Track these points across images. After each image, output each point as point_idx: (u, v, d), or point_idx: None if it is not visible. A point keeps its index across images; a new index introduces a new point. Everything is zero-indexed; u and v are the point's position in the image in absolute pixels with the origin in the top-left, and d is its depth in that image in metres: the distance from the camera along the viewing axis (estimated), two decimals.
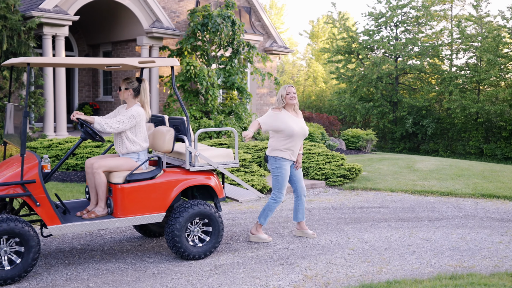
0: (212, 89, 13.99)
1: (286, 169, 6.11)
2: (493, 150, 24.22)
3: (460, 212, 8.03)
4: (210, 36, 14.37)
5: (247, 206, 8.13)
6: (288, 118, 6.07)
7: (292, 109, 6.20)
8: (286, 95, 6.12)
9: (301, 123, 6.17)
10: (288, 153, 6.10)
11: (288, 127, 6.02)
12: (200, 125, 13.77)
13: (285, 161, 6.10)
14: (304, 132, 6.16)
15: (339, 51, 29.50)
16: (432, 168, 12.80)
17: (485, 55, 24.31)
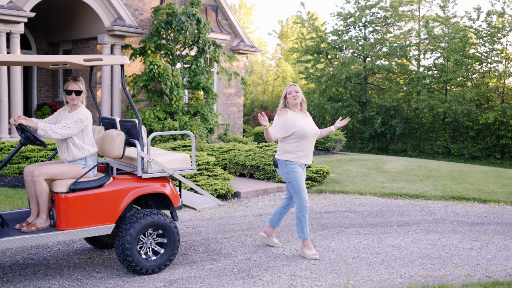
0: (176, 89, 13.54)
1: (298, 172, 5.65)
2: (460, 150, 24.33)
3: (430, 216, 7.79)
4: (174, 35, 13.91)
5: (209, 213, 7.73)
6: (296, 118, 5.66)
7: (298, 109, 5.76)
8: (288, 94, 5.72)
9: (311, 122, 5.76)
10: (300, 156, 5.66)
11: (299, 127, 5.60)
12: (164, 126, 13.30)
13: (295, 165, 5.67)
14: (315, 131, 5.73)
15: (308, 51, 29.32)
16: (400, 169, 12.61)
17: (452, 55, 24.40)
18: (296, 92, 5.69)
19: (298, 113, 5.72)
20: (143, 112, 13.44)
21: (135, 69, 15.21)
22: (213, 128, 14.57)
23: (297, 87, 5.72)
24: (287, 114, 5.67)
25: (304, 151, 5.66)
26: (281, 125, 5.64)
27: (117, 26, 13.72)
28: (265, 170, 10.12)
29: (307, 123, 5.68)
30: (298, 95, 5.69)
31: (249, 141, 15.67)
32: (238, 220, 7.28)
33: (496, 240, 6.43)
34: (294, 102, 5.68)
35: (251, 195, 9.09)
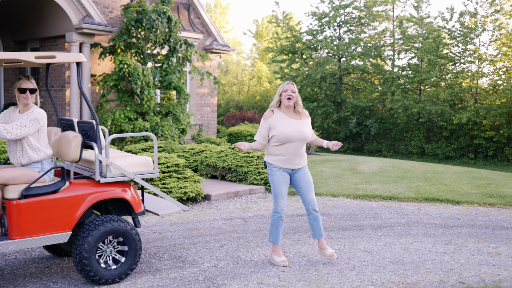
0: (147, 89, 13.22)
1: (277, 176, 5.36)
2: (434, 150, 24.45)
3: (403, 219, 7.65)
4: (145, 33, 13.60)
5: (178, 217, 7.47)
6: (280, 120, 5.30)
7: (291, 110, 5.38)
8: (283, 92, 5.34)
9: (299, 126, 5.32)
10: (281, 160, 5.34)
11: (278, 131, 5.26)
12: (135, 127, 12.98)
13: (275, 168, 5.39)
14: (301, 136, 5.29)
15: (283, 50, 29.21)
16: (375, 170, 12.51)
17: (426, 55, 24.51)
18: (292, 92, 5.31)
19: (288, 115, 5.34)
20: (113, 113, 13.10)
21: (105, 68, 14.84)
22: (186, 129, 14.28)
23: (294, 86, 5.35)
24: (272, 115, 5.35)
25: (286, 155, 5.33)
26: (265, 128, 5.36)
27: (86, 24, 13.34)
28: (237, 172, 9.90)
29: (291, 126, 5.28)
30: (293, 96, 5.31)
31: (222, 141, 15.43)
32: (207, 225, 7.04)
33: (470, 244, 6.31)
34: (287, 103, 5.31)
35: (222, 197, 8.86)
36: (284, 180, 5.38)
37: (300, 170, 5.45)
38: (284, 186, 5.39)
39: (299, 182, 5.44)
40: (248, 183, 9.77)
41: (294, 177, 5.46)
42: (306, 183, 5.44)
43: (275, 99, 5.41)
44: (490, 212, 8.27)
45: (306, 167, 5.54)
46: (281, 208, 5.37)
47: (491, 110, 22.26)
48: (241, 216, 7.60)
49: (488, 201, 8.96)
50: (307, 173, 5.49)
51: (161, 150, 11.63)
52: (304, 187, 5.44)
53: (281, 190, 5.37)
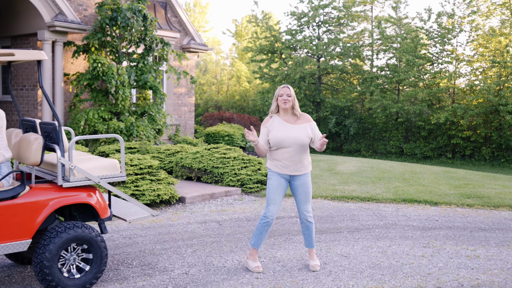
0: (122, 88, 12.94)
1: (273, 181, 5.20)
2: (412, 150, 24.53)
3: (381, 221, 7.53)
4: (120, 32, 13.31)
5: (150, 220, 7.23)
6: (276, 124, 5.18)
7: (289, 113, 5.24)
8: (279, 97, 5.21)
9: (293, 130, 5.13)
10: (277, 165, 5.19)
11: (273, 136, 5.14)
12: (109, 127, 12.69)
13: (272, 173, 5.25)
14: (295, 140, 5.09)
15: (262, 50, 29.06)
16: (353, 171, 12.41)
17: (404, 56, 24.57)
18: (288, 96, 5.16)
19: (285, 119, 5.20)
20: (86, 113, 12.79)
21: (79, 67, 14.50)
22: (162, 129, 14.02)
23: (290, 89, 5.19)
24: (270, 120, 5.24)
25: (283, 161, 5.16)
26: (265, 134, 5.23)
27: (58, 22, 13.00)
28: (213, 173, 9.69)
29: (285, 130, 5.13)
30: (289, 99, 5.16)
31: (199, 142, 15.20)
32: (180, 228, 6.82)
33: (448, 246, 6.20)
34: (283, 107, 5.17)
35: (197, 200, 8.64)
36: (279, 186, 5.21)
37: (299, 178, 5.24)
38: (278, 192, 5.21)
39: (297, 190, 5.28)
40: (224, 185, 9.57)
41: (292, 184, 5.29)
42: (303, 193, 5.28)
43: (273, 105, 5.30)
44: (468, 213, 8.19)
45: (308, 176, 5.30)
46: (270, 214, 5.20)
47: (468, 110, 22.39)
48: (216, 219, 7.40)
49: (466, 202, 8.89)
50: (306, 183, 5.27)
51: (136, 151, 11.37)
52: (300, 196, 5.29)
53: (273, 196, 5.20)
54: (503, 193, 9.68)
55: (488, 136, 23.20)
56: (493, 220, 7.72)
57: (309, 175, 5.33)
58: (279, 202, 5.23)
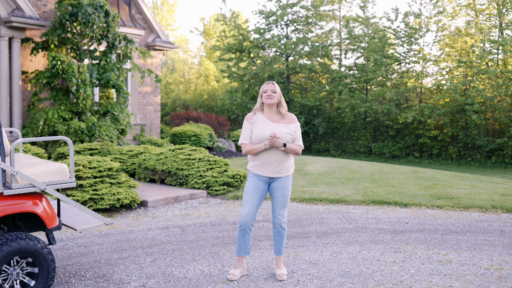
0: (83, 87, 12.43)
1: (250, 182, 4.95)
2: (381, 149, 24.55)
3: (351, 224, 7.29)
4: (80, 28, 12.80)
5: (109, 227, 6.83)
6: (259, 122, 4.94)
7: (274, 111, 4.99)
8: (263, 93, 4.98)
9: (278, 129, 4.86)
10: (257, 166, 4.91)
11: (254, 132, 4.90)
12: (70, 127, 12.18)
13: (251, 175, 4.98)
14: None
15: (230, 49, 28.71)
16: (322, 171, 12.19)
17: (372, 55, 24.56)
18: (272, 92, 4.93)
19: (269, 117, 4.96)
20: (46, 112, 12.24)
21: (38, 65, 13.92)
22: (125, 129, 13.55)
23: (275, 85, 4.96)
24: (254, 116, 5.00)
25: (261, 160, 4.89)
26: (249, 130, 4.98)
27: (15, 17, 12.41)
28: (177, 175, 9.32)
29: (268, 128, 4.87)
30: (274, 95, 4.93)
31: (164, 142, 14.77)
32: (140, 235, 6.44)
33: (419, 251, 5.99)
34: (268, 102, 4.93)
35: (160, 203, 8.27)
36: (255, 188, 4.93)
37: (279, 180, 4.96)
38: (254, 195, 4.92)
39: (275, 192, 4.99)
40: (189, 187, 9.21)
41: (271, 186, 5.00)
42: (281, 196, 4.99)
43: (258, 102, 5.07)
44: (439, 215, 8.04)
45: (289, 178, 5.03)
46: (244, 219, 4.90)
47: (435, 109, 22.50)
48: (179, 224, 7.04)
49: (435, 203, 8.74)
50: (286, 186, 4.99)
51: (97, 153, 10.91)
52: (277, 199, 5.00)
53: (246, 198, 4.94)
54: (472, 193, 9.58)
55: (454, 135, 23.38)
56: (463, 222, 7.57)
57: (290, 178, 5.07)
58: (254, 205, 4.92)
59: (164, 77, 38.01)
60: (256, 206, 4.96)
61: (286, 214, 5.07)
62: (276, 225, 5.06)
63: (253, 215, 4.94)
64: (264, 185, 4.98)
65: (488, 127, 22.95)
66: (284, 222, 5.05)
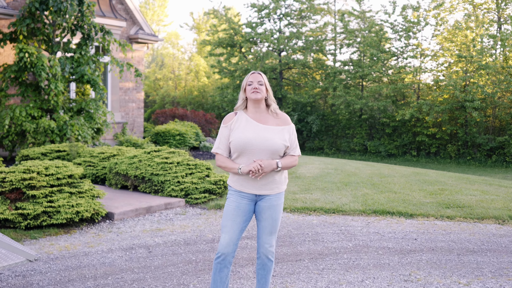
0: (54, 82, 11.30)
1: (230, 201, 3.84)
2: (377, 147, 23.54)
3: (350, 241, 6.22)
4: (52, 17, 11.66)
5: (61, 246, 5.71)
6: (242, 123, 3.82)
7: (261, 110, 3.89)
8: (247, 86, 3.86)
9: (265, 131, 3.80)
10: (239, 180, 3.81)
11: (236, 136, 3.78)
12: (39, 126, 11.05)
13: (231, 192, 3.86)
14: (266, 144, 3.75)
15: (220, 43, 27.59)
16: (316, 174, 11.14)
17: (368, 50, 23.52)
18: (259, 84, 3.83)
19: (255, 117, 3.86)
20: (12, 110, 11.11)
21: (7, 58, 12.79)
22: (102, 128, 12.44)
23: (261, 76, 3.86)
24: (235, 117, 3.87)
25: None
26: (225, 136, 3.86)
27: None
28: (152, 181, 8.23)
29: (253, 130, 3.79)
30: (262, 89, 3.84)
31: (145, 142, 13.65)
32: (96, 259, 5.33)
33: (435, 279, 4.93)
34: (253, 97, 3.81)
35: (129, 215, 7.17)
36: (237, 209, 3.82)
37: (268, 198, 3.85)
38: (236, 218, 3.81)
39: (262, 214, 3.86)
40: (165, 195, 8.11)
41: (258, 206, 3.88)
42: (270, 218, 3.87)
43: (240, 98, 3.93)
44: (450, 227, 6.99)
45: (280, 197, 3.91)
46: (223, 249, 3.78)
47: (434, 106, 21.49)
48: (146, 243, 5.94)
49: (445, 213, 7.69)
50: (276, 206, 3.88)
51: (65, 155, 9.80)
52: (264, 222, 3.88)
53: (226, 222, 3.82)
54: (484, 201, 8.54)
55: (453, 133, 22.37)
56: (480, 237, 6.52)
57: (282, 196, 3.94)
58: (236, 231, 3.81)
59: (153, 72, 36.81)
60: (238, 232, 3.85)
61: (274, 242, 3.96)
62: (261, 256, 3.95)
63: (235, 244, 3.83)
64: (249, 205, 3.87)
65: (489, 125, 21.95)
66: (272, 253, 3.94)
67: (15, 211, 6.14)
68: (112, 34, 12.62)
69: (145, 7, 44.36)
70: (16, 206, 6.25)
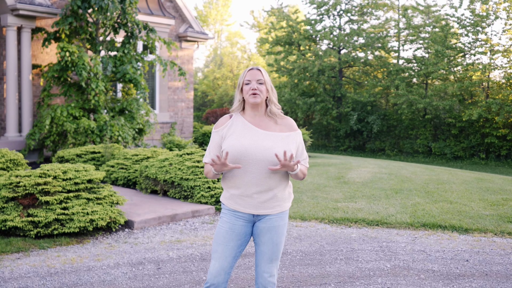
0: (95, 81, 11.07)
1: (223, 222, 3.21)
2: (442, 149, 22.16)
3: (389, 261, 5.44)
4: (95, 16, 11.46)
5: (65, 260, 5.27)
6: (238, 128, 3.19)
7: (261, 113, 3.23)
8: (244, 85, 3.19)
9: (268, 140, 3.13)
10: (233, 196, 3.17)
11: (227, 144, 3.15)
12: (79, 126, 10.85)
13: (225, 211, 3.24)
14: (266, 155, 3.08)
15: (278, 42, 26.98)
16: (366, 179, 10.32)
17: (433, 46, 22.18)
18: (259, 83, 3.16)
19: (253, 120, 3.21)
20: (54, 110, 10.98)
21: (54, 58, 12.72)
22: (144, 129, 12.12)
23: (262, 73, 3.18)
24: (229, 121, 3.24)
25: (239, 186, 3.14)
26: (216, 143, 3.24)
27: (22, 4, 11.21)
28: (181, 186, 7.72)
29: (254, 138, 3.13)
30: (262, 89, 3.16)
31: (188, 143, 13.23)
32: (97, 276, 4.84)
33: None
34: (252, 101, 3.15)
35: (151, 224, 6.68)
36: (230, 231, 3.18)
37: (268, 219, 3.19)
38: (229, 243, 3.18)
39: (261, 237, 3.22)
40: (194, 201, 7.58)
41: (256, 227, 3.23)
42: (270, 243, 3.21)
43: (236, 99, 3.26)
44: (511, 247, 6.04)
45: (283, 216, 3.24)
46: (212, 278, 3.15)
47: (505, 105, 19.93)
48: (159, 257, 5.41)
49: (506, 228, 6.73)
50: (278, 228, 3.22)
51: (100, 157, 9.49)
52: (263, 247, 3.22)
53: (217, 247, 3.19)
54: None
55: None
56: None
57: (285, 215, 3.26)
58: (228, 258, 3.17)
59: (211, 72, 36.72)
60: (231, 259, 3.21)
61: (275, 271, 3.27)
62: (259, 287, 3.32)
63: (227, 273, 3.19)
64: (245, 227, 3.21)
65: None
66: (273, 284, 3.25)
67: (25, 218, 5.78)
68: (156, 32, 12.28)
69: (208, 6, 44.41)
70: (28, 213, 5.89)
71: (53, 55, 12.70)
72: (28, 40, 11.65)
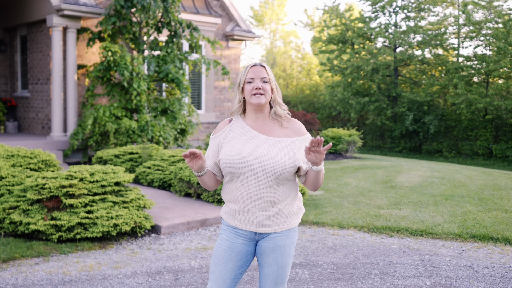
0: (137, 80, 10.98)
1: (222, 240, 2.84)
2: (503, 151, 20.95)
3: (429, 278, 4.92)
4: (139, 15, 11.38)
5: (81, 267, 5.07)
6: (237, 133, 2.81)
7: (264, 115, 2.84)
8: (246, 84, 2.79)
9: (270, 146, 2.73)
10: (233, 211, 2.79)
11: (224, 152, 2.78)
12: (121, 126, 10.79)
13: (224, 227, 2.87)
14: (268, 165, 2.68)
15: (331, 40, 26.37)
16: (416, 183, 9.71)
17: (494, 43, 21.01)
18: (263, 81, 2.77)
19: (257, 125, 2.82)
20: (96, 110, 10.97)
21: (98, 58, 12.76)
22: (186, 129, 11.95)
23: (266, 70, 2.78)
24: (228, 126, 2.86)
25: (240, 202, 2.75)
26: (214, 151, 2.87)
27: (67, 5, 11.26)
28: (215, 189, 7.44)
29: (255, 145, 2.74)
30: (267, 89, 2.76)
31: None
32: (110, 286, 4.55)
33: None
34: (255, 102, 2.75)
35: (179, 229, 6.42)
36: (229, 251, 2.80)
37: (272, 237, 2.79)
38: (228, 263, 2.80)
39: (264, 257, 2.82)
40: None
41: (260, 246, 2.83)
42: (275, 264, 2.81)
43: (236, 100, 2.87)
44: None
45: (291, 235, 2.83)
46: None
47: None
48: (180, 267, 5.11)
49: None
50: (284, 247, 2.81)
51: (137, 158, 9.36)
52: (267, 268, 2.82)
53: (215, 269, 2.82)
54: None
55: None
56: None
57: (292, 233, 2.84)
58: (226, 280, 2.79)
59: None
60: (230, 281, 2.81)
61: None
62: None
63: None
64: (246, 246, 2.82)
65: None
66: None
67: (48, 221, 5.63)
68: (199, 30, 12.08)
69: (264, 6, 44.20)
70: (52, 216, 5.75)
71: (98, 55, 12.74)
72: (73, 40, 11.72)
